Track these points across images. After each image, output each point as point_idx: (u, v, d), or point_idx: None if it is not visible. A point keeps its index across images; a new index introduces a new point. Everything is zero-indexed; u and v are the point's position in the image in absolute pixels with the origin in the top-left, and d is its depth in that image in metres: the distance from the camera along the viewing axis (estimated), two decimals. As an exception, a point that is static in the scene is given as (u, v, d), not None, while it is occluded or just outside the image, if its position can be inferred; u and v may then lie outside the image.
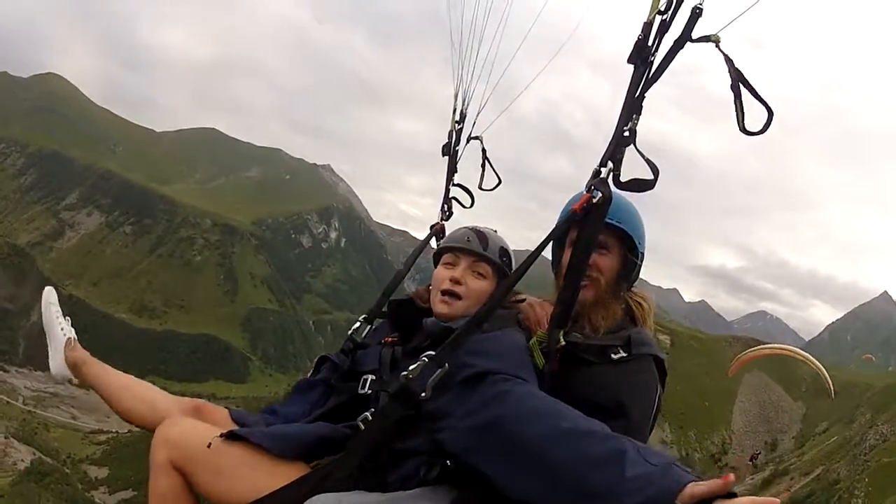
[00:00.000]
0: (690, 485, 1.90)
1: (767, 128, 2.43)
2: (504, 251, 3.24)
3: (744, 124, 2.44)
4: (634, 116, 2.58)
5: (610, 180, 2.62)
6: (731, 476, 1.85)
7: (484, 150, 3.97)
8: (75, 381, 3.48)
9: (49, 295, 3.77)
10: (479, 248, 3.16)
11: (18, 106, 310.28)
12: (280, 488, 2.47)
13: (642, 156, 2.58)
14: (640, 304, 3.19)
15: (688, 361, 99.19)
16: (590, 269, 3.00)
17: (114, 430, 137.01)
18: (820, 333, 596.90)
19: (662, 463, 2.02)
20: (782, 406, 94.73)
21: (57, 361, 3.48)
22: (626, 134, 2.58)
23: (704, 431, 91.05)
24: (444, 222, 4.00)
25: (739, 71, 2.45)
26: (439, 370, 2.50)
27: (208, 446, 2.58)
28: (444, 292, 3.10)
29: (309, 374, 3.47)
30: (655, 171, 2.57)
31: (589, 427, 2.21)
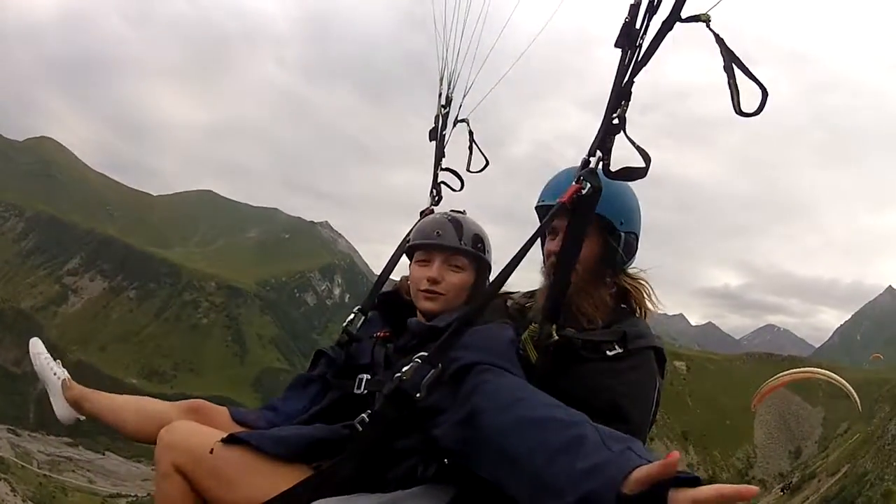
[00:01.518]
0: (636, 470, 1.81)
1: (763, 107, 2.30)
2: (478, 236, 3.20)
3: (739, 106, 2.31)
4: (623, 103, 2.49)
5: (600, 170, 2.55)
6: (676, 453, 1.72)
7: (471, 133, 3.95)
8: (83, 417, 3.55)
9: (35, 345, 3.83)
10: (451, 240, 3.11)
11: (14, 170, 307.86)
12: (282, 492, 2.49)
13: (633, 143, 2.47)
14: (635, 287, 3.10)
15: (705, 384, 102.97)
16: (553, 255, 2.99)
17: (133, 494, 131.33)
18: (829, 338, 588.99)
19: (619, 448, 1.94)
20: (801, 414, 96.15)
21: (60, 406, 3.54)
22: (616, 122, 2.49)
23: (728, 449, 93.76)
24: (433, 207, 3.98)
25: (732, 51, 2.34)
26: (433, 370, 2.49)
27: (210, 451, 2.61)
28: (424, 291, 3.10)
29: (307, 369, 3.50)
30: (647, 158, 2.46)
31: (550, 414, 2.16)
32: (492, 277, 3.16)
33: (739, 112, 2.31)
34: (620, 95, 2.48)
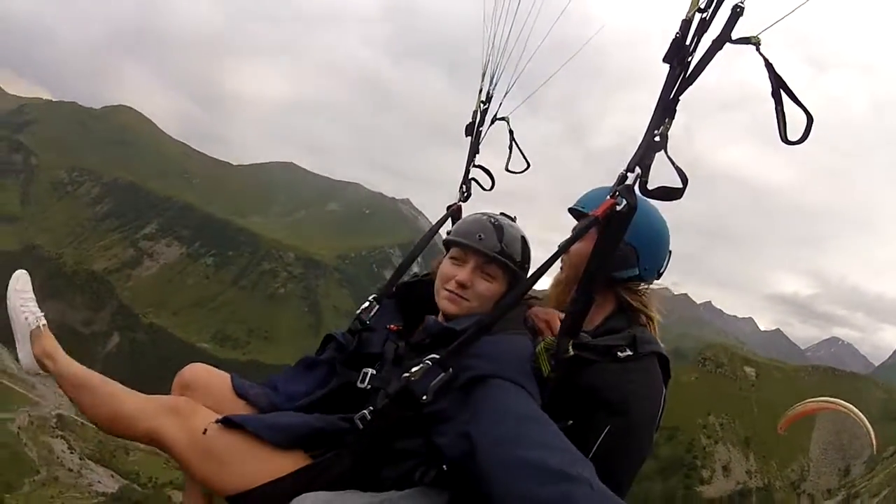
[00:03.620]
0: None
1: (808, 135, 2.27)
2: (519, 247, 3.04)
3: (786, 135, 2.28)
4: (667, 120, 2.41)
5: (636, 187, 2.48)
6: None
7: (511, 132, 3.94)
8: (44, 373, 3.27)
9: (16, 280, 3.45)
10: (491, 247, 2.94)
11: (91, 137, 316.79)
12: (274, 479, 2.51)
13: (672, 163, 2.41)
14: (636, 300, 3.11)
15: (771, 392, 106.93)
16: (568, 255, 3.10)
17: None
18: (889, 357, 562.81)
19: None
20: (856, 432, 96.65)
21: (23, 353, 3.28)
22: (657, 139, 2.41)
23: (785, 460, 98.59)
24: (461, 203, 3.93)
25: (780, 77, 2.29)
26: (443, 374, 2.49)
27: (204, 432, 2.60)
28: (449, 292, 2.99)
29: (316, 352, 3.45)
30: (684, 179, 2.40)
31: (545, 462, 2.11)
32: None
33: (785, 141, 2.27)
34: (665, 112, 2.40)
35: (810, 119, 2.24)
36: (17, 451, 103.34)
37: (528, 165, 3.74)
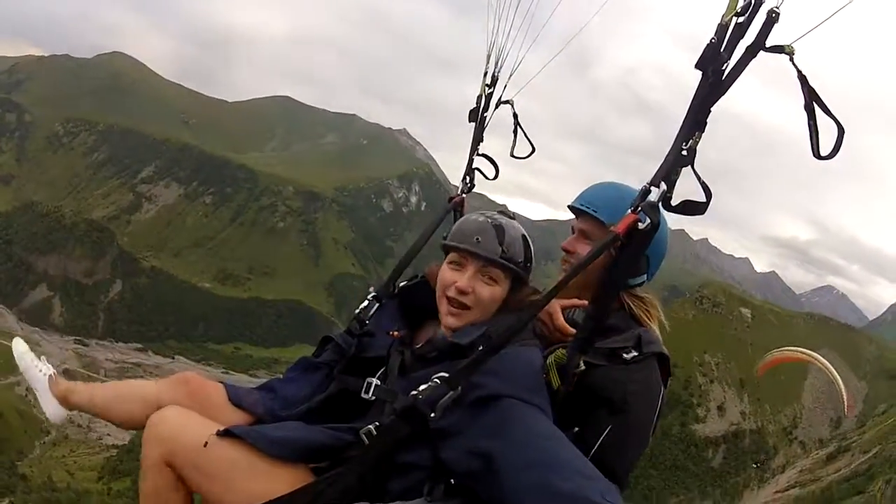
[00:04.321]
0: None
1: (839, 148, 2.20)
2: (520, 248, 2.89)
3: (818, 150, 2.21)
4: (696, 133, 2.30)
5: (660, 203, 2.40)
6: None
7: (515, 115, 3.82)
8: (72, 412, 3.45)
9: (17, 345, 3.74)
10: (491, 249, 2.80)
11: (84, 87, 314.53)
12: (277, 498, 2.43)
13: (698, 178, 2.33)
14: (641, 306, 3.09)
15: (766, 335, 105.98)
16: (570, 256, 3.13)
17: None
18: (883, 314, 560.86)
19: None
20: (848, 385, 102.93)
21: (49, 404, 3.46)
22: (685, 153, 2.32)
23: (778, 405, 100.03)
24: (464, 195, 3.84)
25: (814, 90, 2.22)
26: (451, 392, 2.40)
27: (204, 445, 2.53)
28: (450, 300, 2.86)
29: (313, 353, 3.42)
30: (709, 194, 2.34)
31: (581, 492, 2.10)
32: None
33: (817, 156, 2.22)
34: (695, 124, 2.30)
35: (841, 130, 2.16)
36: (27, 414, 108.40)
37: (533, 149, 3.77)
